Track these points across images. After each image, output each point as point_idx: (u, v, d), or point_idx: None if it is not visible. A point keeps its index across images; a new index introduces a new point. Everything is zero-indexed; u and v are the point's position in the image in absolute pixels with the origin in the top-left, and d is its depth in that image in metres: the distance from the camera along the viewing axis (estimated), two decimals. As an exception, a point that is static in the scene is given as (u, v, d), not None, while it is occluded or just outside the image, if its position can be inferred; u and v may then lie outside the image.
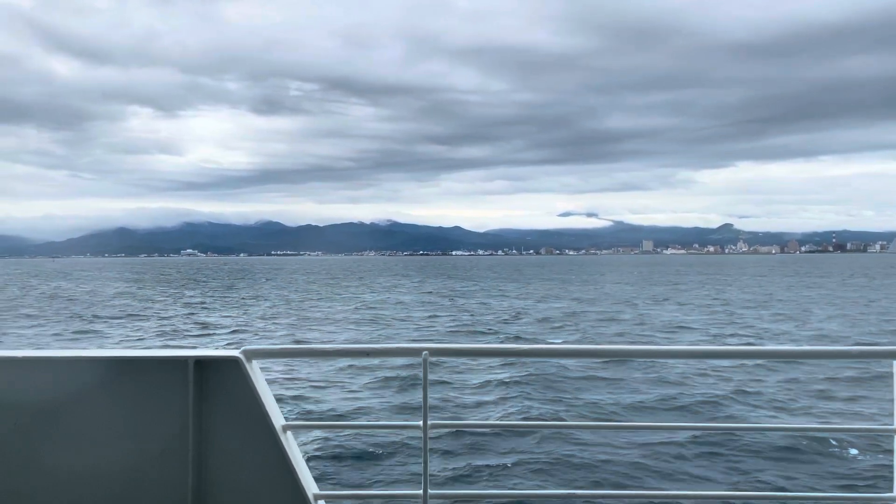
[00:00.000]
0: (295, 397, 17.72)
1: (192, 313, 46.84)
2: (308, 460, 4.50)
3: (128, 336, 33.93)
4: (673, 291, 69.28)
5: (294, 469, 3.20)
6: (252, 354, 3.24)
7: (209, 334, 34.66)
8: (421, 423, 3.16)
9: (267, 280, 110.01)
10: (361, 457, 12.63)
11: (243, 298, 62.67)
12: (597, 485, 11.18)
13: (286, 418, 3.25)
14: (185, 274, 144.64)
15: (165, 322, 40.94)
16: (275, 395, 3.32)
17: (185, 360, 3.19)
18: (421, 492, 3.17)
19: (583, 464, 12.19)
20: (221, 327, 37.81)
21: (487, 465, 12.17)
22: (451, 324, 38.89)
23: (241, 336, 33.71)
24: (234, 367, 3.19)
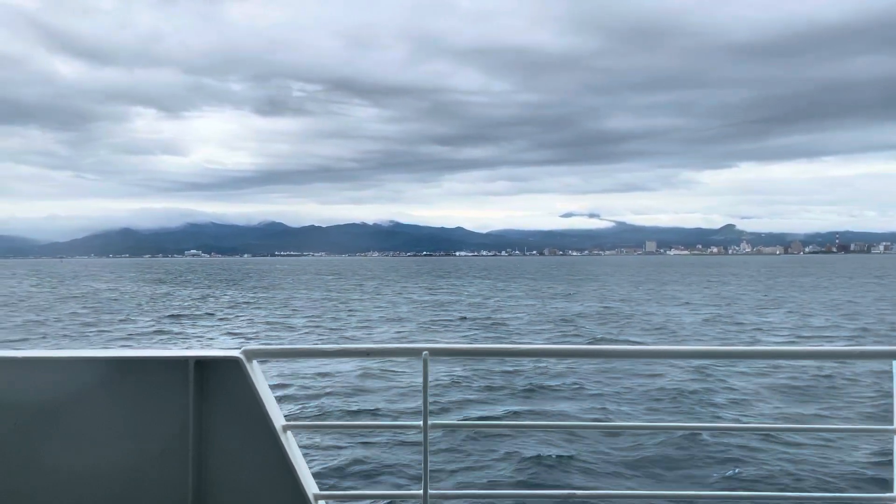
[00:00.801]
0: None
1: (253, 312, 47.42)
2: (308, 460, 4.49)
3: (231, 331, 35.07)
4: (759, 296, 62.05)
5: (294, 469, 3.21)
6: (252, 354, 3.24)
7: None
8: (421, 423, 3.16)
9: (293, 280, 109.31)
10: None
11: (289, 299, 61.34)
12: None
13: (286, 418, 3.26)
14: (208, 274, 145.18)
15: (240, 320, 42.04)
16: (274, 396, 3.33)
17: (185, 360, 3.19)
18: (421, 492, 3.18)
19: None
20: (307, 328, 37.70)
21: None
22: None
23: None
24: (235, 367, 3.20)
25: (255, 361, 3.24)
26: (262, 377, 3.26)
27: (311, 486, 3.24)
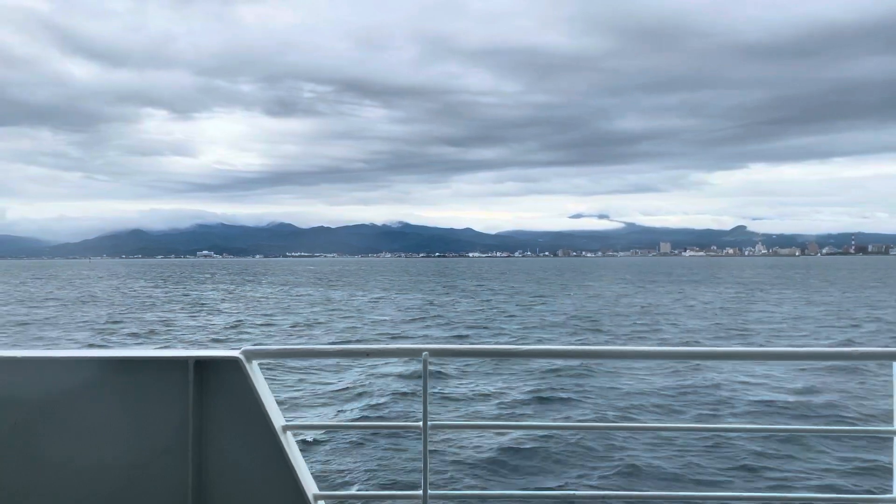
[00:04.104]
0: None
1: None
2: (308, 460, 4.50)
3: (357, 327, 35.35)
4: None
5: (294, 469, 3.20)
6: (252, 355, 3.24)
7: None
8: (421, 423, 3.15)
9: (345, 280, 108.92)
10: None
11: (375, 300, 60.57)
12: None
13: (286, 418, 3.26)
14: (248, 275, 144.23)
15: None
16: (274, 396, 3.33)
17: (185, 360, 3.18)
18: (421, 492, 3.17)
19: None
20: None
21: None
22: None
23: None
24: (235, 367, 3.19)
25: (254, 362, 3.24)
26: (261, 377, 3.26)
27: (310, 487, 3.23)
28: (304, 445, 12.78)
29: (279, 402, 3.36)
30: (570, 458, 12.47)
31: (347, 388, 18.91)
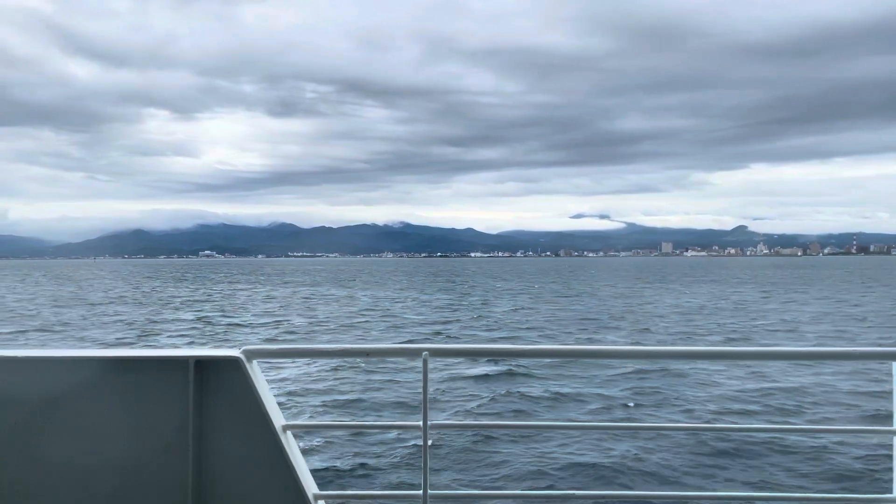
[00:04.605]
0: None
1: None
2: (308, 460, 4.50)
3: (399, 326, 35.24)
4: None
5: (294, 469, 3.19)
6: (252, 354, 3.23)
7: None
8: (421, 423, 3.14)
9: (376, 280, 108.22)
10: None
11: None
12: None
13: (286, 418, 3.25)
14: (261, 274, 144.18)
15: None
16: (274, 396, 3.32)
17: (185, 359, 3.17)
18: (421, 492, 3.16)
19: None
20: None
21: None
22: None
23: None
24: (235, 366, 3.18)
25: (255, 361, 3.23)
26: (262, 377, 3.24)
27: (310, 486, 3.23)
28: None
29: (279, 403, 3.37)
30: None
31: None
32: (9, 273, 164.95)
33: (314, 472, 3.46)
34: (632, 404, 16.93)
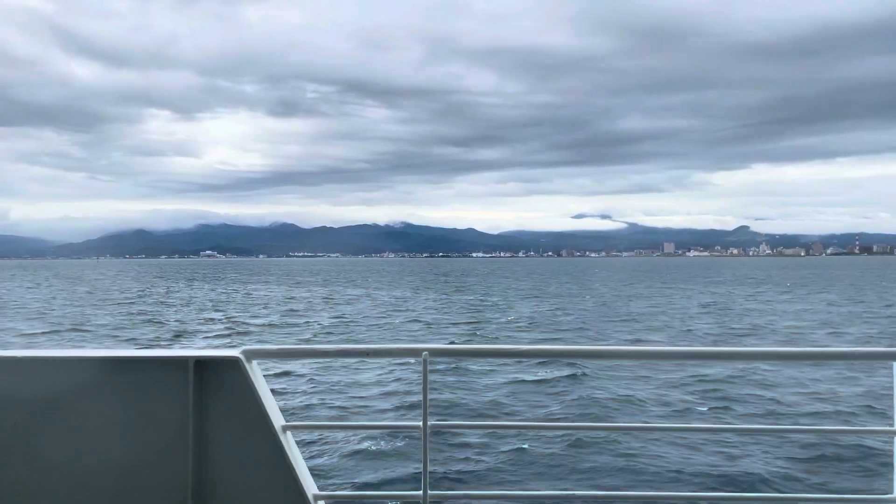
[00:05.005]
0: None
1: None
2: (308, 460, 4.51)
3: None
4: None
5: (294, 469, 3.19)
6: (252, 354, 3.23)
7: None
8: (421, 423, 3.15)
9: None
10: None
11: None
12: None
13: (286, 418, 3.25)
14: (270, 274, 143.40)
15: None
16: (274, 395, 3.33)
17: (185, 359, 3.18)
18: (421, 492, 3.16)
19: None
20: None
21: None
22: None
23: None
24: (234, 367, 3.18)
25: (254, 361, 3.23)
26: (261, 377, 3.25)
27: (310, 487, 3.23)
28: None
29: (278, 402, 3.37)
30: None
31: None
32: (16, 273, 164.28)
33: (314, 472, 3.46)
34: (706, 408, 16.48)
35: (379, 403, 17.12)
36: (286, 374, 20.52)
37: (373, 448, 13.00)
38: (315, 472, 4.02)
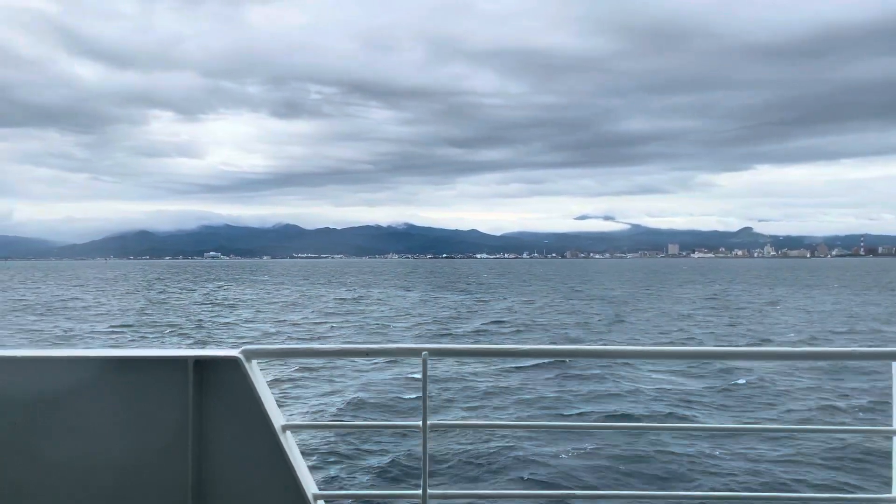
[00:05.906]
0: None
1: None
2: (308, 460, 4.52)
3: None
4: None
5: (294, 469, 3.19)
6: (252, 354, 3.23)
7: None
8: (420, 423, 3.15)
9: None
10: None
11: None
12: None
13: (286, 418, 3.26)
14: (282, 275, 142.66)
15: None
16: (274, 395, 3.33)
17: (184, 359, 3.18)
18: (420, 492, 3.16)
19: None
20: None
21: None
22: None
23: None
24: (234, 366, 3.19)
25: (254, 361, 3.24)
26: (261, 377, 3.25)
27: (310, 486, 3.23)
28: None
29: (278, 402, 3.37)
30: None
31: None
32: (36, 275, 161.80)
33: (314, 472, 3.46)
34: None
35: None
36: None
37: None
38: (315, 472, 4.02)
